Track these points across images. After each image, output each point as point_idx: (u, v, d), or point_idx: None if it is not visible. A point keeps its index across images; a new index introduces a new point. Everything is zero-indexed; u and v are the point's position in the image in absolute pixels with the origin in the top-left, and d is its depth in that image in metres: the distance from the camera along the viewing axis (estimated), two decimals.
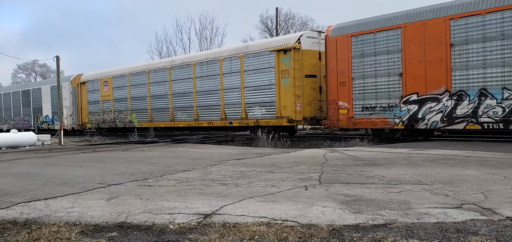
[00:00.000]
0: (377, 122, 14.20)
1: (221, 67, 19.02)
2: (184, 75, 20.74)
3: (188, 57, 21.83)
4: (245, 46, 19.05)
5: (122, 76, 24.34)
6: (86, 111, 27.10)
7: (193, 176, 7.21)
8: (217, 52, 20.07)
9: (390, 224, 3.88)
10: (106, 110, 25.57)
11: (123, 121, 24.45)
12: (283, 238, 3.62)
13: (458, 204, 4.58)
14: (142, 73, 23.06)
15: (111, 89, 25.13)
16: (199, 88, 20.01)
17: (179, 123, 21.17)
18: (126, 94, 24.09)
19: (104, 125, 25.90)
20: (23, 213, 4.74)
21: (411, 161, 8.47)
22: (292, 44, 16.46)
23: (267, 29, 45.24)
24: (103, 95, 25.73)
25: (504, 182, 5.80)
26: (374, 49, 14.13)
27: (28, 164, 9.84)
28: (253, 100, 17.89)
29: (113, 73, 25.30)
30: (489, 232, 3.58)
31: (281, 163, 8.75)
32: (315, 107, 16.72)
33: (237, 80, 18.41)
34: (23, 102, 33.46)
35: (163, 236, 3.80)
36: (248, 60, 17.98)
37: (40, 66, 71.10)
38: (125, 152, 12.63)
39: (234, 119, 18.67)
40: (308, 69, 16.51)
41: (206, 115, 19.83)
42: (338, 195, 5.22)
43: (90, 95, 26.80)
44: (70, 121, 28.66)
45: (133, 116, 23.76)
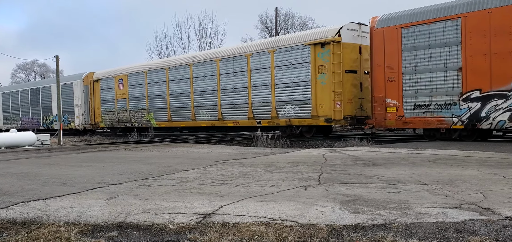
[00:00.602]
0: (432, 121, 13.12)
1: (248, 63, 17.98)
2: (207, 72, 19.77)
3: (212, 53, 20.78)
4: (276, 40, 17.81)
5: (139, 74, 23.35)
6: (99, 111, 26.10)
7: (192, 175, 7.21)
8: (244, 47, 19.07)
9: (389, 224, 3.89)
10: (121, 109, 24.52)
11: (139, 120, 23.39)
12: (282, 238, 3.62)
13: (458, 204, 4.58)
14: (161, 70, 22.06)
15: (126, 87, 24.09)
16: (223, 85, 19.02)
17: (201, 122, 20.19)
18: (143, 92, 23.07)
19: (119, 125, 24.82)
20: (22, 213, 4.74)
21: (411, 161, 8.47)
22: (331, 37, 15.38)
23: (266, 29, 45.23)
24: (118, 94, 24.65)
25: (503, 182, 5.81)
26: (428, 42, 12.99)
27: (28, 164, 9.84)
28: (285, 99, 16.87)
29: (129, 70, 24.29)
30: (488, 232, 3.59)
31: (281, 163, 8.75)
32: (355, 106, 15.64)
33: (267, 77, 17.45)
34: (32, 101, 32.33)
35: (162, 236, 3.80)
36: (280, 55, 16.96)
37: (40, 66, 71.08)
38: (124, 152, 12.63)
39: (263, 119, 17.64)
40: (348, 64, 15.40)
41: (232, 114, 18.83)
42: (337, 195, 5.22)
43: (104, 94, 25.76)
44: (82, 120, 27.60)
45: (150, 115, 22.67)
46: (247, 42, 18.28)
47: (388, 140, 15.56)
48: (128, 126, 24.26)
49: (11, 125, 33.66)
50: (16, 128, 32.18)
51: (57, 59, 23.24)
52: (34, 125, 31.69)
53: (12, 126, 32.85)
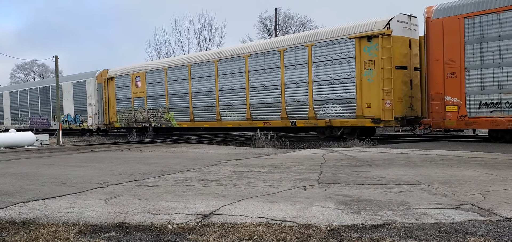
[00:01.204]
0: (501, 121, 11.88)
1: (282, 59, 16.78)
2: (234, 69, 18.53)
3: (240, 48, 19.39)
4: (314, 33, 16.33)
5: (158, 71, 22.05)
6: (115, 110, 24.76)
7: (191, 176, 7.21)
8: (276, 42, 17.60)
9: (388, 224, 3.89)
10: (139, 108, 23.21)
11: (158, 120, 22.13)
12: (281, 238, 3.62)
13: (457, 204, 4.58)
14: (183, 67, 20.82)
15: (144, 85, 22.79)
16: (253, 83, 17.79)
17: (227, 122, 18.98)
18: (163, 90, 21.76)
19: (136, 125, 23.50)
20: (22, 213, 4.73)
21: (410, 161, 8.48)
22: (380, 30, 14.15)
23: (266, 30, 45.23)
24: (135, 92, 23.33)
25: (502, 183, 5.81)
26: (498, 33, 11.79)
27: (27, 164, 9.83)
28: (325, 97, 15.61)
29: (147, 67, 23.15)
30: (487, 233, 3.59)
31: (280, 163, 8.75)
32: (406, 105, 14.42)
33: (303, 74, 16.15)
34: (42, 100, 30.71)
35: (161, 236, 3.79)
36: (319, 50, 15.64)
37: (39, 66, 71.05)
38: (123, 152, 12.62)
39: (298, 119, 16.42)
40: (399, 59, 14.17)
41: (262, 114, 17.64)
42: (336, 195, 5.22)
43: (119, 92, 24.40)
44: (95, 120, 26.22)
45: (171, 115, 21.42)
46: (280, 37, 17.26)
47: (387, 141, 15.56)
48: (146, 126, 23.02)
49: (19, 124, 32.45)
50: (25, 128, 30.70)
51: (57, 60, 23.22)
52: (44, 124, 30.47)
53: (21, 126, 31.82)
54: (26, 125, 31.92)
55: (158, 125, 22.35)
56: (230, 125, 19.06)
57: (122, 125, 24.57)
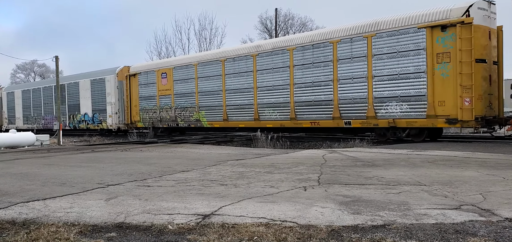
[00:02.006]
0: None
1: (334, 52, 15.24)
2: (277, 64, 17.01)
3: (283, 40, 17.68)
4: (373, 23, 14.65)
5: (188, 67, 20.58)
6: (137, 109, 23.25)
7: (192, 176, 7.21)
8: (328, 33, 15.86)
9: (389, 225, 3.89)
10: (165, 107, 21.72)
11: (187, 119, 20.71)
12: (282, 238, 3.62)
13: (457, 205, 4.58)
14: (216, 62, 19.32)
15: (171, 82, 21.29)
16: (298, 79, 16.36)
17: (267, 122, 17.49)
18: (193, 88, 20.30)
19: (161, 124, 22.11)
20: (22, 213, 4.73)
21: (410, 162, 8.47)
22: (457, 18, 12.68)
23: (266, 30, 45.27)
24: (161, 90, 21.81)
25: (503, 183, 5.81)
26: None
27: (27, 164, 9.83)
28: (388, 94, 14.06)
29: (174, 63, 21.70)
30: (487, 233, 3.59)
31: (280, 163, 8.75)
32: (485, 103, 12.99)
33: (360, 68, 14.63)
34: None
35: (162, 236, 3.79)
36: (381, 41, 14.15)
37: (39, 66, 71.12)
38: (124, 152, 12.63)
39: (354, 119, 14.94)
40: (479, 51, 12.71)
41: (309, 113, 16.17)
42: (337, 195, 5.22)
43: (143, 90, 22.92)
44: (115, 120, 24.57)
45: (201, 114, 20.00)
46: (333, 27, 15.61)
47: (388, 141, 15.54)
48: (173, 125, 21.66)
49: (32, 124, 30.89)
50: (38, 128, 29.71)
51: (57, 60, 23.22)
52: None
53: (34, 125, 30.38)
54: (39, 125, 30.47)
55: (186, 125, 20.93)
56: (270, 125, 17.47)
57: (145, 124, 23.05)
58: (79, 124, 27.18)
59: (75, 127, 27.59)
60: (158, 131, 22.63)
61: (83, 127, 26.85)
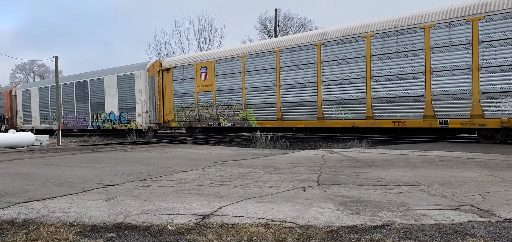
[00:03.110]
0: None
1: (427, 38, 13.25)
2: (349, 54, 14.99)
3: (358, 26, 15.24)
4: (479, 4, 12.41)
5: (233, 60, 18.65)
6: (171, 106, 21.44)
7: (191, 176, 7.21)
8: (418, 17, 13.69)
9: (388, 225, 3.89)
10: (204, 104, 19.94)
11: (231, 118, 18.88)
12: (281, 239, 3.62)
13: (456, 205, 4.58)
14: (268, 53, 17.35)
15: (213, 77, 19.43)
16: (376, 72, 14.36)
17: (334, 122, 15.56)
18: (239, 83, 18.38)
19: (200, 123, 20.33)
20: (21, 213, 4.73)
21: (409, 162, 8.48)
22: None
23: (266, 30, 45.33)
24: (200, 85, 20.02)
25: (502, 184, 5.81)
26: None
27: (26, 164, 9.83)
28: (501, 88, 12.00)
29: (216, 55, 19.69)
30: (487, 234, 3.59)
31: (280, 164, 8.75)
32: None
33: (463, 58, 12.59)
34: (78, 96, 27.12)
35: (161, 237, 3.79)
36: (491, 26, 12.07)
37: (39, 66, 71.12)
38: (123, 153, 12.62)
39: (453, 118, 12.96)
40: None
41: (391, 111, 14.15)
42: (336, 196, 5.22)
43: (178, 86, 21.06)
44: (145, 119, 22.63)
45: (248, 112, 18.13)
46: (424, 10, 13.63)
47: (387, 142, 15.56)
48: (214, 125, 19.82)
49: (50, 124, 28.87)
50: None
51: (56, 60, 23.23)
52: (80, 124, 27.03)
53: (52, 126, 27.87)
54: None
55: (230, 124, 19.10)
56: (338, 125, 15.52)
57: (181, 123, 21.29)
58: (103, 123, 25.20)
59: (99, 126, 25.70)
60: (195, 131, 21.14)
61: (108, 126, 24.89)
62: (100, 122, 25.44)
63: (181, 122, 21.16)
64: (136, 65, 24.03)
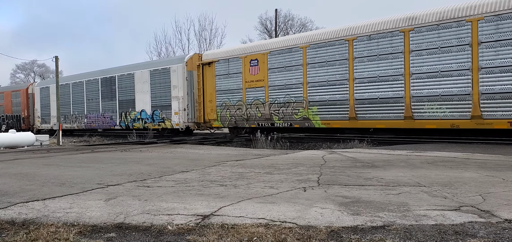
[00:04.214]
0: None
1: None
2: (449, 41, 12.86)
3: (459, 8, 12.90)
4: None
5: (291, 51, 16.55)
6: (213, 104, 19.59)
7: (191, 177, 7.21)
8: None
9: (388, 226, 3.89)
10: (254, 102, 17.90)
11: (288, 117, 16.88)
12: (281, 239, 3.62)
13: (457, 206, 4.58)
14: (338, 42, 15.20)
15: (265, 71, 17.39)
16: (487, 61, 12.22)
17: (426, 122, 13.56)
18: (299, 77, 16.33)
19: (248, 123, 18.32)
20: (21, 213, 4.73)
21: (410, 163, 8.48)
22: None
23: (266, 31, 45.34)
24: (249, 81, 18.00)
25: (502, 184, 5.81)
26: None
27: (27, 164, 9.83)
28: None
29: (269, 46, 17.60)
30: (487, 235, 3.59)
31: (280, 164, 8.75)
32: None
33: None
34: (103, 93, 25.18)
35: (161, 237, 3.79)
36: None
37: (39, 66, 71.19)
38: (123, 153, 12.62)
39: None
40: None
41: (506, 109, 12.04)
42: (336, 196, 5.22)
43: (222, 81, 19.16)
44: (183, 117, 20.76)
45: (311, 111, 16.10)
46: None
47: (387, 142, 15.56)
48: (266, 125, 17.77)
49: (71, 124, 27.29)
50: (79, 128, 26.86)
51: (57, 60, 23.23)
52: (106, 123, 25.10)
53: (74, 125, 27.03)
54: (80, 124, 26.96)
55: (286, 124, 17.07)
56: (431, 126, 13.53)
57: (224, 124, 19.37)
58: (133, 122, 23.30)
59: (128, 126, 23.73)
60: (241, 132, 19.13)
61: (139, 125, 23.00)
62: (129, 121, 23.65)
63: (224, 122, 19.28)
64: (172, 59, 22.66)
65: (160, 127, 22.05)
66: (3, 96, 34.62)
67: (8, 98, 33.90)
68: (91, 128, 26.33)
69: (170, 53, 44.22)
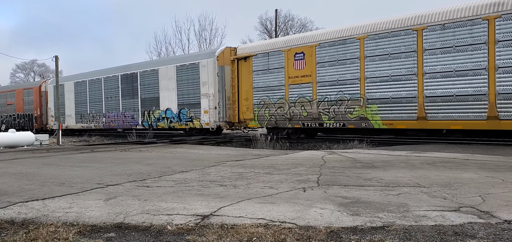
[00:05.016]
0: None
1: None
2: None
3: None
4: None
5: (346, 42, 14.92)
6: (249, 102, 17.91)
7: (191, 177, 7.21)
8: None
9: (388, 226, 3.89)
10: (299, 100, 16.26)
11: (341, 117, 15.22)
12: (281, 240, 3.62)
13: (456, 207, 4.58)
14: (404, 32, 13.60)
15: (312, 65, 15.73)
16: None
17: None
18: (355, 71, 14.71)
19: (291, 123, 16.75)
20: (21, 213, 4.73)
21: (410, 163, 8.48)
22: None
23: (266, 31, 45.36)
24: (293, 76, 16.33)
25: (502, 185, 5.81)
26: None
27: (26, 164, 9.82)
28: None
29: (318, 37, 15.81)
30: (486, 235, 3.59)
31: (280, 164, 8.75)
32: None
33: None
34: (124, 91, 23.59)
35: (161, 237, 3.79)
36: None
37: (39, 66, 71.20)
38: (123, 153, 12.62)
39: None
40: None
41: None
42: (336, 197, 5.22)
43: (260, 77, 17.51)
44: (214, 116, 19.22)
45: (370, 110, 14.52)
46: None
47: (387, 143, 15.55)
48: (313, 125, 16.18)
49: (88, 123, 26.03)
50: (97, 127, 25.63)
51: (57, 60, 23.23)
52: (127, 123, 23.59)
53: (91, 125, 25.67)
54: (98, 124, 25.50)
55: (338, 124, 15.43)
56: None
57: (262, 123, 17.73)
58: (158, 122, 21.88)
59: (151, 125, 22.36)
60: (283, 133, 17.48)
61: (164, 125, 21.65)
62: (152, 120, 22.17)
63: (262, 122, 17.66)
64: (201, 53, 21.06)
65: (187, 127, 20.76)
66: (14, 95, 33.34)
67: (20, 97, 32.53)
68: (110, 127, 24.96)
69: (170, 53, 44.24)
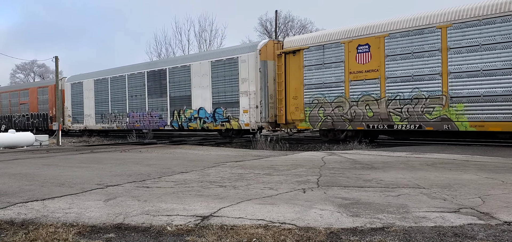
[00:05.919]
0: None
1: None
2: None
3: None
4: None
5: (422, 32, 13.08)
6: (299, 101, 16.15)
7: (191, 177, 7.21)
8: None
9: (387, 227, 3.89)
10: (363, 97, 14.44)
11: (417, 117, 13.33)
12: (280, 241, 3.61)
13: (456, 208, 4.58)
14: (501, 19, 11.58)
15: (381, 59, 13.93)
16: None
17: None
18: (435, 66, 12.84)
19: (352, 125, 14.82)
20: (20, 214, 4.73)
21: (409, 164, 8.48)
22: None
23: (266, 32, 45.36)
24: (356, 71, 14.53)
25: (502, 187, 5.81)
26: None
27: (26, 164, 9.82)
28: None
29: (387, 27, 13.96)
30: (486, 237, 3.59)
31: (279, 165, 8.75)
32: None
33: None
34: (151, 89, 21.71)
35: (160, 237, 3.79)
36: None
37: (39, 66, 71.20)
38: (123, 153, 12.62)
39: None
40: None
41: None
42: (336, 198, 5.22)
43: (313, 73, 15.68)
44: (255, 116, 17.29)
45: (454, 109, 12.59)
46: None
47: (387, 143, 15.54)
48: (380, 127, 14.33)
49: (110, 123, 24.31)
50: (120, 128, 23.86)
51: (57, 60, 23.25)
52: (153, 123, 21.77)
53: (113, 125, 24.06)
54: (121, 124, 23.58)
55: (412, 126, 13.57)
56: None
57: (315, 125, 15.90)
58: (189, 122, 19.92)
59: (181, 126, 20.46)
60: (340, 135, 15.62)
61: (196, 126, 19.70)
62: (183, 120, 20.22)
63: (315, 123, 15.75)
64: (241, 47, 19.43)
65: (223, 128, 18.94)
66: (28, 93, 31.61)
67: (34, 95, 30.74)
68: (135, 128, 22.95)
69: (170, 54, 44.23)
